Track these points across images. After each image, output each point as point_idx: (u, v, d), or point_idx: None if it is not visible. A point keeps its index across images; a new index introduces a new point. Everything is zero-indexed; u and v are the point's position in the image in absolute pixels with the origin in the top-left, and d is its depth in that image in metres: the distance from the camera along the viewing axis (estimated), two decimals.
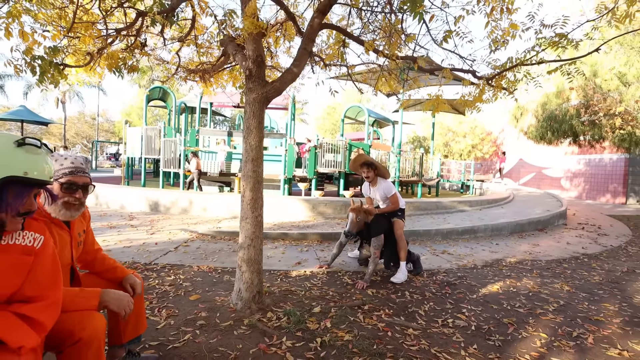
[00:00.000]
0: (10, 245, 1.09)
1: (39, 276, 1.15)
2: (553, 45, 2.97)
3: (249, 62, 2.73)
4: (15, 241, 1.10)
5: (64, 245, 1.53)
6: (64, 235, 1.55)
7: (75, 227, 1.62)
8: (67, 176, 1.49)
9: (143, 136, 10.21)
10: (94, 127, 36.93)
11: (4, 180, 1.00)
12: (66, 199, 1.48)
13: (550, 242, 6.09)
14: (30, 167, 1.05)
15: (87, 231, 1.76)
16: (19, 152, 1.04)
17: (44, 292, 1.15)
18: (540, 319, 2.83)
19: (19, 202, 1.05)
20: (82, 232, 1.70)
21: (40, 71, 2.81)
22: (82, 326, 1.27)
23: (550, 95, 12.12)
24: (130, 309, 1.50)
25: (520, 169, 20.26)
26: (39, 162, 1.08)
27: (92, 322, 1.30)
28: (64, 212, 1.48)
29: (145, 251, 4.30)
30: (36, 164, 1.07)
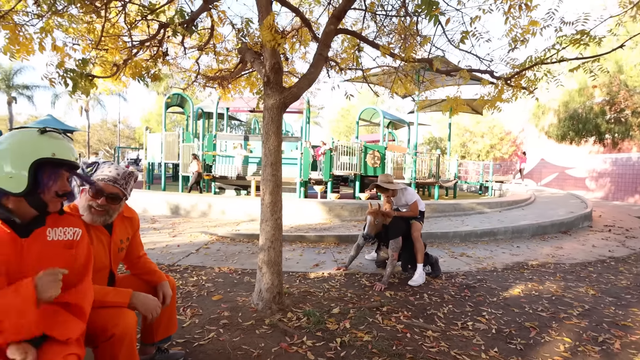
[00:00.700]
0: (56, 241, 1.20)
1: (77, 264, 1.26)
2: (574, 42, 2.92)
3: (267, 70, 2.81)
4: (58, 237, 1.21)
5: (101, 248, 1.61)
6: (103, 238, 1.63)
7: (117, 234, 1.70)
8: (99, 182, 1.57)
9: (162, 142, 10.50)
10: (115, 134, 38.11)
11: (37, 162, 1.10)
12: (89, 203, 1.54)
13: (574, 244, 5.92)
14: (56, 149, 1.15)
15: (133, 238, 1.83)
16: (44, 138, 1.16)
17: (79, 278, 1.26)
18: (564, 323, 2.78)
19: (53, 181, 1.15)
20: (126, 240, 1.77)
21: (72, 83, 2.97)
22: (115, 322, 1.35)
23: (573, 93, 11.80)
24: (156, 314, 1.57)
25: (541, 169, 19.74)
26: (63, 145, 1.19)
27: (124, 319, 1.38)
28: (86, 215, 1.54)
29: (168, 253, 4.43)
30: (61, 146, 1.17)
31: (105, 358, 1.34)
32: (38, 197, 1.13)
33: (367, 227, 3.66)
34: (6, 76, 25.09)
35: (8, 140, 1.12)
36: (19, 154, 1.09)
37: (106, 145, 40.57)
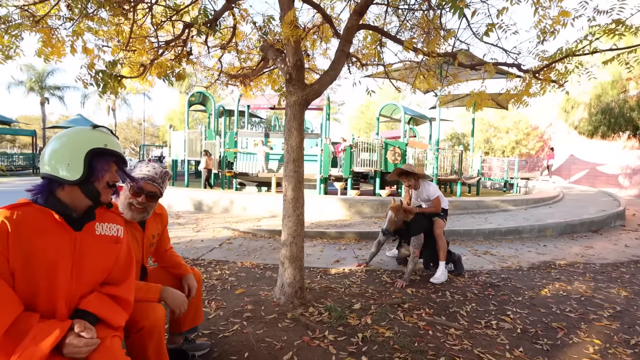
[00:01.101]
0: (103, 236, 1.28)
1: (121, 260, 1.34)
2: (609, 32, 2.80)
3: (289, 67, 2.83)
4: (105, 232, 1.29)
5: (135, 243, 1.69)
6: (137, 234, 1.71)
7: (149, 229, 1.79)
8: (139, 181, 1.65)
9: (186, 139, 10.75)
10: (140, 132, 39.30)
11: (92, 151, 1.18)
12: (130, 201, 1.63)
13: (605, 244, 5.69)
14: (107, 141, 1.23)
15: (162, 234, 1.92)
16: (96, 132, 1.24)
17: (124, 273, 1.34)
18: (593, 325, 2.68)
19: (106, 171, 1.22)
20: (157, 235, 1.86)
21: (102, 83, 3.10)
22: (145, 315, 1.42)
23: (606, 86, 11.26)
24: (184, 309, 1.65)
25: (571, 165, 18.97)
26: (113, 139, 1.27)
27: (154, 313, 1.46)
28: (126, 212, 1.63)
29: (192, 247, 4.56)
30: (111, 140, 1.25)
31: (136, 348, 1.43)
32: (92, 186, 1.19)
33: (386, 223, 3.64)
34: (39, 78, 26.30)
35: (63, 136, 1.20)
36: (75, 145, 1.17)
37: (132, 143, 41.94)
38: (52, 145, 1.17)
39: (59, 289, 1.12)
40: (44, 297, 1.10)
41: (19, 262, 1.05)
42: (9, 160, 18.92)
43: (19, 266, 1.05)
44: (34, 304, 1.09)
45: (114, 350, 1.13)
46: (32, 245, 1.08)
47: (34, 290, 1.09)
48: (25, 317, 1.03)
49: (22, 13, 2.98)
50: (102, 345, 1.11)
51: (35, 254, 1.08)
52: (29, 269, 1.07)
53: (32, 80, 26.21)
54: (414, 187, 3.91)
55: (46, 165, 1.15)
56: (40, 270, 1.08)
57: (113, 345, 1.13)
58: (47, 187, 1.17)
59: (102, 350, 1.09)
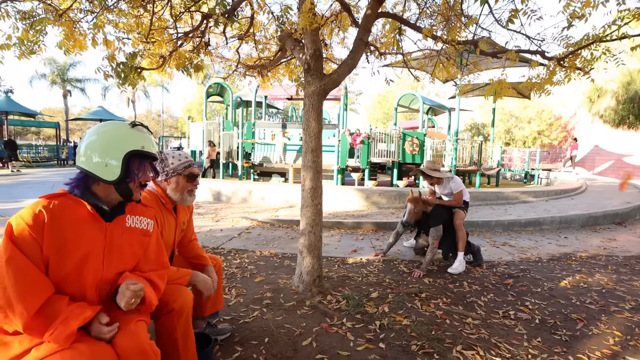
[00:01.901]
0: (133, 228, 1.34)
1: (150, 254, 1.40)
2: (638, 17, 2.69)
3: (307, 56, 2.84)
4: (135, 225, 1.35)
5: (170, 230, 1.78)
6: (172, 221, 1.80)
7: (180, 216, 1.87)
8: (188, 169, 1.77)
9: (204, 130, 10.92)
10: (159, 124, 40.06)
11: (130, 153, 1.22)
12: (189, 188, 1.79)
13: (629, 236, 5.52)
14: (145, 143, 1.27)
15: (189, 221, 2.02)
16: (134, 132, 1.27)
17: (155, 264, 1.41)
18: (614, 317, 2.64)
19: (142, 172, 1.28)
20: (186, 221, 1.96)
21: (123, 75, 3.18)
22: (175, 298, 1.50)
23: (635, 73, 10.76)
24: (212, 292, 1.77)
25: (595, 156, 18.30)
26: (150, 139, 1.31)
27: (182, 296, 1.53)
28: (189, 198, 1.80)
29: (212, 237, 4.69)
30: (148, 140, 1.29)
31: (166, 329, 1.50)
32: (126, 186, 1.24)
33: (406, 215, 3.64)
34: (61, 71, 27.03)
35: (101, 131, 1.23)
36: (114, 145, 1.21)
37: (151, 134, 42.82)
38: (90, 138, 1.21)
39: (90, 276, 1.19)
40: (75, 283, 1.16)
41: (53, 250, 1.11)
42: (34, 152, 19.64)
43: (53, 254, 1.11)
44: (65, 289, 1.15)
45: (139, 334, 1.18)
46: (65, 234, 1.14)
47: (65, 276, 1.14)
48: (56, 299, 1.10)
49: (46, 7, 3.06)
50: (128, 329, 1.17)
51: (68, 243, 1.14)
52: (61, 256, 1.13)
53: (55, 74, 26.96)
54: (437, 183, 3.89)
55: (82, 157, 1.20)
56: (72, 258, 1.15)
57: (138, 328, 1.19)
58: (84, 181, 1.23)
59: (127, 333, 1.16)
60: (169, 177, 1.74)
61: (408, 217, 3.61)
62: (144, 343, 1.17)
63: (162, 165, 1.74)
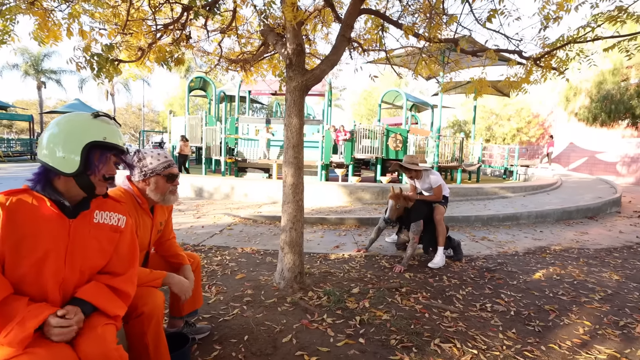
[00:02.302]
0: (102, 224, 1.28)
1: (122, 252, 1.35)
2: (611, 20, 2.78)
3: (289, 51, 2.82)
4: (104, 220, 1.29)
5: (145, 230, 1.73)
6: (147, 221, 1.75)
7: (157, 217, 1.83)
8: (167, 169, 1.73)
9: (186, 125, 10.73)
10: (140, 118, 39.07)
11: (90, 144, 1.16)
12: (171, 188, 1.75)
13: (600, 230, 5.75)
14: (107, 134, 1.20)
15: (167, 221, 1.97)
16: (96, 122, 1.21)
17: (126, 266, 1.34)
18: (584, 307, 2.75)
19: (103, 164, 1.21)
20: (163, 222, 1.91)
21: (98, 67, 3.07)
22: (145, 301, 1.44)
23: (607, 74, 11.16)
24: (189, 295, 1.73)
25: (570, 153, 18.94)
26: (114, 130, 1.24)
27: (153, 299, 1.48)
28: (172, 198, 1.77)
29: (193, 234, 4.62)
30: (111, 131, 1.23)
31: (135, 333, 1.45)
32: (87, 179, 1.18)
33: (388, 211, 3.68)
34: (35, 62, 25.95)
35: (62, 123, 1.18)
36: (73, 136, 1.15)
37: (131, 129, 41.75)
38: (50, 130, 1.16)
39: (51, 275, 1.13)
40: (35, 283, 1.11)
41: (8, 248, 1.07)
42: (6, 146, 18.81)
43: (8, 252, 1.07)
44: (24, 289, 1.10)
45: (105, 338, 1.13)
46: (23, 231, 1.09)
47: (23, 276, 1.10)
48: (14, 300, 1.05)
49: None
50: (93, 333, 1.12)
51: (26, 240, 1.09)
52: (18, 255, 1.08)
53: (28, 64, 25.89)
54: (416, 177, 3.95)
55: (44, 150, 1.15)
56: (30, 257, 1.10)
57: (105, 332, 1.14)
58: (45, 175, 1.18)
59: (92, 338, 1.11)
60: (148, 177, 1.69)
61: (390, 214, 3.66)
62: (110, 349, 1.13)
63: (140, 165, 1.69)
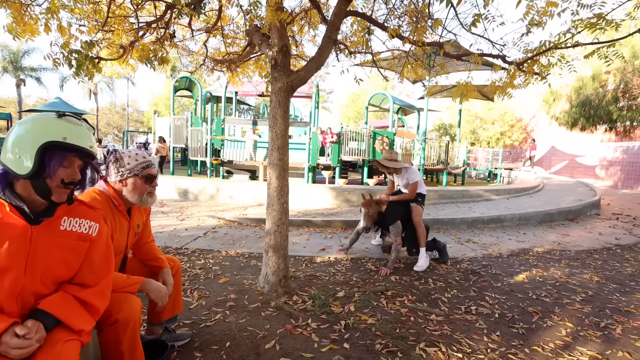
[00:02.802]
0: (69, 232, 1.19)
1: (94, 262, 1.25)
2: (590, 27, 2.83)
3: (274, 52, 2.78)
4: (72, 228, 1.20)
5: (122, 233, 1.66)
6: (124, 223, 1.68)
7: (134, 219, 1.75)
8: (145, 170, 1.66)
9: (171, 125, 10.54)
10: (124, 118, 38.30)
11: (45, 145, 1.07)
12: (149, 190, 1.68)
13: (581, 232, 5.88)
14: (68, 134, 1.10)
15: (145, 223, 1.89)
16: (58, 122, 1.12)
17: (98, 277, 1.25)
18: (566, 309, 2.79)
19: (60, 167, 1.10)
20: (141, 224, 1.84)
21: (76, 64, 2.96)
22: (119, 308, 1.37)
23: (586, 79, 11.49)
24: (166, 301, 1.66)
25: (551, 157, 19.44)
26: (78, 131, 1.14)
27: (128, 305, 1.40)
28: (150, 199, 1.69)
29: (176, 236, 4.52)
30: (75, 132, 1.12)
31: (109, 342, 1.38)
32: (43, 183, 1.09)
33: (362, 220, 3.65)
34: (14, 58, 25.15)
35: (24, 122, 1.11)
36: (30, 136, 1.07)
37: (115, 129, 40.88)
38: (12, 130, 1.10)
39: (7, 285, 1.05)
40: None
41: None
42: None
43: None
44: None
45: (63, 356, 1.05)
46: None
47: None
48: None
49: None
50: (53, 350, 1.04)
51: None
52: None
53: (6, 60, 25.07)
54: (395, 173, 3.96)
55: (5, 151, 1.09)
56: None
57: (64, 350, 1.06)
58: (4, 178, 1.10)
59: (50, 355, 1.03)
60: (125, 178, 1.62)
61: (365, 222, 3.62)
62: None
63: (117, 165, 1.62)
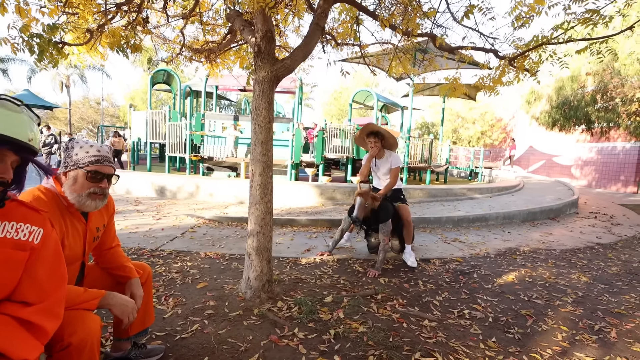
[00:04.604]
0: (1, 239, 0.95)
1: (39, 275, 1.02)
2: (584, 22, 2.75)
3: (258, 38, 2.56)
4: (6, 234, 0.96)
5: (77, 238, 1.42)
6: (79, 227, 1.44)
7: (93, 221, 1.51)
8: (93, 165, 1.39)
9: (148, 120, 10.09)
10: (99, 112, 36.86)
11: None
12: (92, 190, 1.39)
13: (563, 231, 5.93)
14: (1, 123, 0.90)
15: (108, 225, 1.65)
16: None
17: (44, 293, 1.02)
18: (559, 311, 2.72)
19: None
20: (102, 227, 1.59)
21: (38, 50, 2.67)
22: (72, 330, 1.14)
23: (566, 80, 11.72)
24: (133, 317, 1.42)
25: (529, 156, 19.91)
26: (16, 119, 0.94)
27: (84, 325, 1.17)
28: (89, 202, 1.39)
29: (151, 237, 4.22)
30: (10, 120, 0.92)
31: None
32: None
33: (356, 209, 3.37)
34: None
35: None
36: None
37: (89, 123, 39.30)
38: None
39: None
40: None
41: None
42: None
43: None
44: None
45: None
46: None
47: None
48: None
49: None
50: None
51: None
52: None
53: None
54: (377, 157, 3.81)
55: None
56: None
57: None
58: None
59: None
60: (68, 170, 1.37)
61: (358, 212, 3.37)
62: None
63: (65, 155, 1.38)
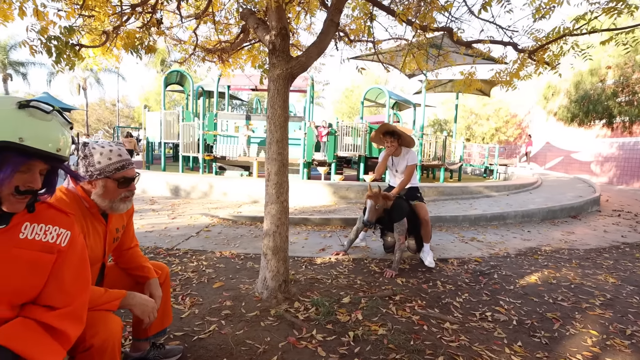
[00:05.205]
0: (29, 240, 0.94)
1: (65, 278, 1.01)
2: (608, 11, 2.62)
3: (272, 35, 2.53)
4: (35, 236, 0.95)
5: (97, 239, 1.41)
6: (99, 228, 1.43)
7: (113, 222, 1.50)
8: (119, 172, 1.38)
9: (162, 121, 10.20)
10: (114, 113, 37.57)
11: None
12: (123, 195, 1.41)
13: (585, 229, 5.74)
14: (29, 134, 0.86)
15: (127, 226, 1.65)
16: (19, 115, 0.86)
17: (69, 296, 1.01)
18: (587, 314, 2.60)
19: (12, 174, 0.87)
20: (121, 228, 1.59)
21: (56, 52, 2.69)
22: (95, 331, 1.13)
23: (585, 74, 11.37)
24: (154, 317, 1.41)
25: (546, 152, 19.43)
26: (44, 129, 0.90)
27: (105, 327, 1.17)
28: (122, 205, 1.42)
29: (167, 236, 4.25)
30: (37, 130, 0.88)
31: None
32: None
33: (367, 213, 3.34)
34: (2, 51, 24.29)
35: None
36: None
37: (105, 124, 40.12)
38: None
39: None
40: None
41: None
42: None
43: None
44: None
45: None
46: None
47: None
48: None
49: None
50: None
51: None
52: None
53: None
54: (394, 154, 3.74)
55: None
56: None
57: None
58: None
59: None
60: (94, 179, 1.34)
61: (369, 215, 3.33)
62: None
63: (86, 163, 1.34)
